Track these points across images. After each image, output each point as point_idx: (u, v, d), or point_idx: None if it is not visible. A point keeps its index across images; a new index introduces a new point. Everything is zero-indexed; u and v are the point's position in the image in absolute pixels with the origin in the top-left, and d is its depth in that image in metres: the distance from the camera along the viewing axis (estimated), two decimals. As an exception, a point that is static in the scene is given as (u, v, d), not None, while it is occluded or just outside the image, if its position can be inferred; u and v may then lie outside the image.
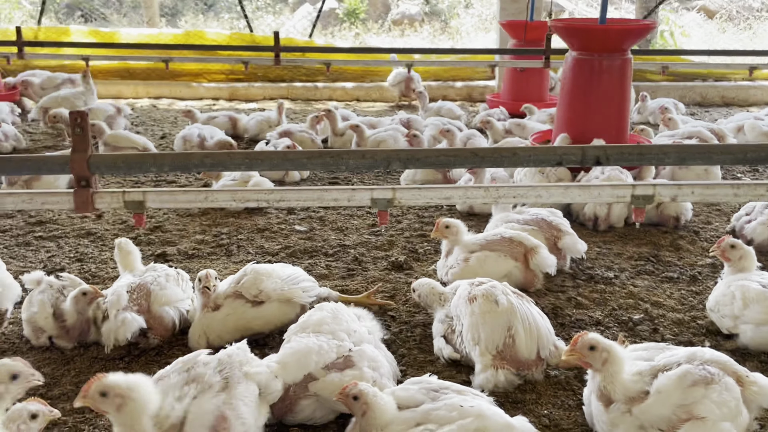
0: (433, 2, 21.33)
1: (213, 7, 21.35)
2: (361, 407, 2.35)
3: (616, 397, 2.46)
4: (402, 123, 7.39)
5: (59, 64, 11.05)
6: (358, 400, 2.35)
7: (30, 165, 2.55)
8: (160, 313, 3.27)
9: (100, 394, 2.17)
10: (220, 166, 2.50)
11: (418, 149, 2.99)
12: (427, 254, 4.49)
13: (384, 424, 2.32)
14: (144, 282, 3.30)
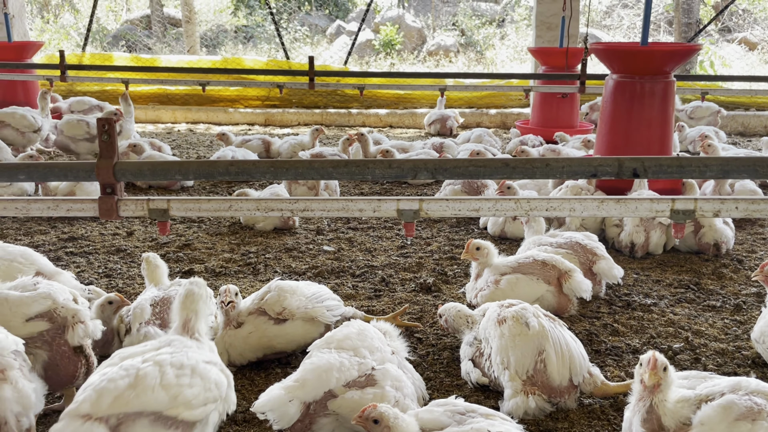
0: (469, 33, 21.45)
1: (252, 39, 21.86)
2: (382, 431, 2.23)
3: (667, 422, 2.30)
4: (434, 147, 7.33)
5: (101, 88, 11.38)
6: (379, 424, 2.22)
7: (57, 171, 2.55)
8: None
9: None
10: (245, 174, 2.46)
11: (447, 159, 2.91)
12: (457, 277, 4.38)
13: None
14: (168, 296, 3.26)
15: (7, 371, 2.11)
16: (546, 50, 9.29)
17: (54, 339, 2.56)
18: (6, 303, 2.51)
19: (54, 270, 3.30)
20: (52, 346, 2.55)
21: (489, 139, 8.10)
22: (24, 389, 2.16)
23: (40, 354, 2.51)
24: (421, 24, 22.00)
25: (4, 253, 3.12)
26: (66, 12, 24.49)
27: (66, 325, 2.57)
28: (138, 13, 24.06)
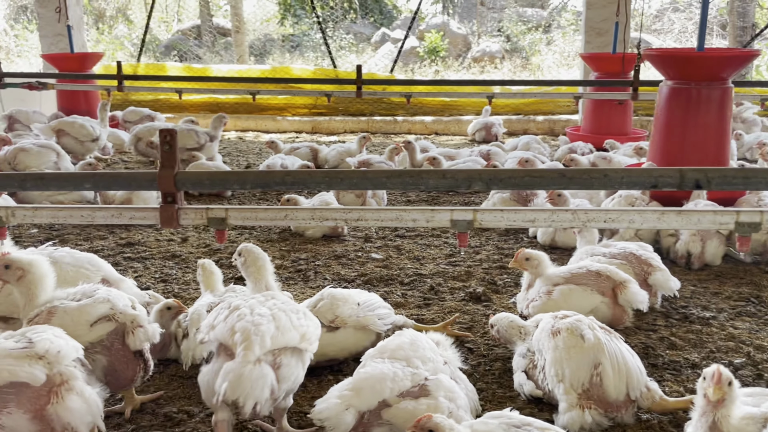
0: (514, 39, 21.28)
1: (299, 47, 22.19)
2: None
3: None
4: (481, 155, 7.29)
5: (154, 97, 11.71)
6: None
7: (121, 181, 2.64)
8: None
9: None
10: (300, 185, 2.49)
11: (501, 169, 2.89)
12: (507, 286, 4.34)
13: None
14: (223, 302, 3.32)
15: (71, 381, 2.19)
16: (600, 56, 9.13)
17: (113, 344, 2.64)
18: (66, 314, 2.60)
19: (118, 277, 3.41)
20: (111, 350, 2.63)
21: (537, 146, 8.00)
22: (91, 397, 2.24)
23: (99, 359, 2.59)
24: (465, 30, 21.93)
25: (72, 259, 3.23)
26: (120, 23, 25.35)
27: (125, 330, 2.65)
28: (188, 24, 24.71)
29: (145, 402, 2.95)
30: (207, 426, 2.79)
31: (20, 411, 2.09)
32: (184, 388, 3.11)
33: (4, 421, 2.07)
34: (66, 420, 2.14)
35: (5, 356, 2.09)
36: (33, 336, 2.21)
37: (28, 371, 2.06)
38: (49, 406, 2.12)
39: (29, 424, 2.10)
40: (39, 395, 2.12)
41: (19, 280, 2.68)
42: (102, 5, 25.11)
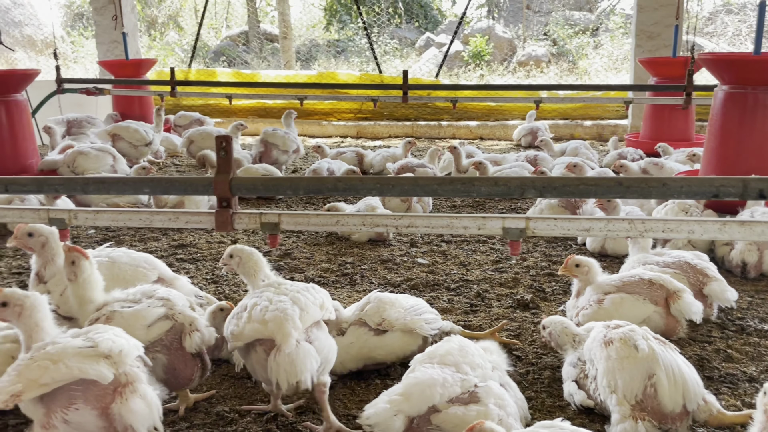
0: (561, 43, 20.99)
1: (344, 52, 22.39)
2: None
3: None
4: (528, 160, 7.22)
5: (204, 102, 11.99)
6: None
7: (178, 185, 2.72)
8: None
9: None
10: (352, 191, 2.52)
11: (555, 177, 2.85)
12: (555, 294, 4.28)
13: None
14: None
15: (135, 383, 2.26)
16: (659, 60, 8.92)
17: (172, 344, 2.71)
18: (123, 318, 2.69)
19: (173, 276, 3.50)
20: (171, 350, 2.71)
21: (585, 151, 7.88)
22: (152, 400, 2.31)
23: (160, 358, 2.67)
24: (511, 34, 21.74)
25: (130, 259, 3.34)
26: (171, 30, 26.04)
27: (183, 331, 2.72)
28: (236, 30, 25.21)
29: (198, 401, 3.02)
30: (258, 426, 2.84)
31: (87, 407, 2.17)
32: (235, 388, 3.17)
33: (71, 417, 2.15)
34: (128, 421, 2.21)
35: (74, 354, 2.17)
36: (95, 336, 2.30)
37: (97, 369, 2.14)
38: (114, 405, 2.19)
39: (96, 420, 2.18)
40: (105, 393, 2.20)
41: (72, 280, 2.79)
42: (154, 13, 25.85)
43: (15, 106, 6.85)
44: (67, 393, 2.18)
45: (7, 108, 6.76)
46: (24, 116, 6.97)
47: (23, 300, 2.37)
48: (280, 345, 2.52)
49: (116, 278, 2.94)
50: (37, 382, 2.08)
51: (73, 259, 2.80)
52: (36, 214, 2.89)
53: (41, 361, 2.13)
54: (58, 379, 2.11)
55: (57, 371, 2.10)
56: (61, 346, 2.20)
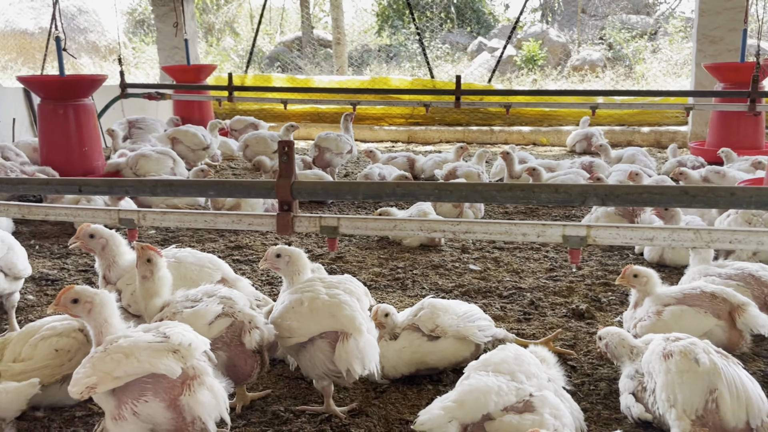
0: (617, 47, 20.55)
1: (395, 57, 22.49)
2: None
3: None
4: (583, 167, 7.10)
5: (260, 107, 12.24)
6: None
7: (241, 189, 2.80)
8: None
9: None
10: (410, 196, 2.55)
11: (619, 185, 2.80)
12: (612, 304, 4.20)
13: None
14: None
15: (203, 376, 2.34)
16: (726, 66, 8.63)
17: (232, 341, 2.79)
18: (184, 319, 2.78)
19: (235, 277, 3.60)
20: (231, 347, 2.78)
21: (643, 158, 7.69)
22: (219, 392, 2.39)
23: (220, 355, 2.75)
24: (565, 39, 21.42)
25: (195, 259, 3.45)
26: (227, 36, 26.69)
27: (243, 329, 2.79)
28: (290, 36, 25.65)
29: (255, 399, 3.09)
30: (312, 426, 2.88)
31: (157, 400, 2.26)
32: (290, 388, 3.23)
33: (140, 409, 2.24)
34: (197, 412, 2.29)
35: (145, 348, 2.27)
36: (166, 330, 2.39)
37: (167, 364, 2.22)
38: (182, 397, 2.27)
39: (164, 412, 2.27)
40: (174, 386, 2.28)
41: (144, 279, 2.90)
42: (211, 19, 26.55)
43: (83, 111, 7.15)
44: (137, 385, 2.26)
45: (76, 112, 7.07)
46: (91, 120, 7.27)
47: (93, 297, 2.48)
48: (350, 335, 2.69)
49: (183, 278, 3.04)
50: (111, 375, 2.18)
51: (149, 257, 2.91)
52: (107, 215, 3.01)
53: (114, 354, 2.23)
54: (130, 372, 2.20)
55: (129, 365, 2.19)
56: (132, 340, 2.30)
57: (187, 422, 2.31)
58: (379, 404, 3.08)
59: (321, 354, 2.75)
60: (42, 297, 4.43)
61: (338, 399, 3.12)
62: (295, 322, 2.79)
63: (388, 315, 3.29)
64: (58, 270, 4.96)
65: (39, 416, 2.95)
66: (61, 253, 5.38)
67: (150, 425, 2.30)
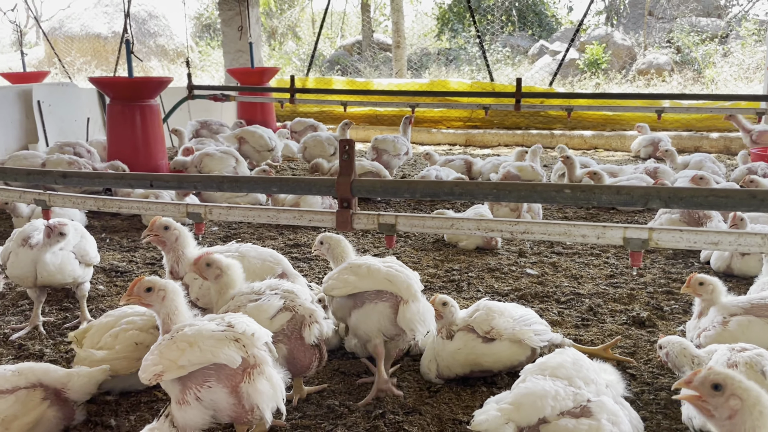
0: (685, 51, 19.87)
1: (454, 61, 22.42)
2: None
3: None
4: (647, 172, 6.91)
5: (320, 109, 12.43)
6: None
7: (303, 186, 2.86)
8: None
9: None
10: (468, 195, 2.55)
11: (683, 187, 2.72)
12: (674, 313, 4.08)
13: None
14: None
15: (262, 365, 2.42)
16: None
17: (293, 334, 2.86)
18: (246, 313, 2.86)
19: (294, 273, 3.69)
20: (291, 340, 2.85)
21: (711, 165, 7.42)
22: (277, 383, 2.46)
23: (281, 348, 2.82)
24: (631, 42, 20.86)
25: (257, 254, 3.56)
26: (289, 40, 27.23)
27: (303, 322, 2.86)
28: (351, 40, 25.95)
29: (311, 393, 3.16)
30: (367, 421, 2.92)
31: (219, 386, 2.35)
32: (345, 384, 3.28)
33: (203, 394, 2.33)
34: (255, 401, 2.37)
35: (209, 337, 2.36)
36: (231, 319, 2.48)
37: (227, 353, 2.31)
38: (243, 384, 2.35)
39: (226, 397, 2.36)
40: (235, 374, 2.36)
41: (216, 279, 3.00)
42: (274, 23, 27.14)
43: (149, 111, 7.43)
44: (201, 372, 2.36)
45: (142, 112, 7.36)
46: (157, 120, 7.55)
47: (165, 285, 2.60)
48: (408, 300, 2.96)
49: (246, 271, 3.13)
50: (176, 363, 2.28)
51: (207, 262, 3.02)
52: (176, 209, 3.14)
53: (180, 343, 2.33)
54: (194, 362, 2.30)
55: (192, 354, 2.29)
56: (197, 329, 2.40)
57: (246, 409, 2.38)
58: (433, 403, 3.09)
59: (379, 315, 2.97)
60: (111, 287, 4.64)
61: (392, 397, 3.14)
62: (353, 276, 3.01)
63: (446, 304, 3.28)
64: (127, 262, 5.18)
65: (109, 400, 3.10)
66: (129, 247, 5.62)
67: (212, 411, 2.39)
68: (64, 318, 4.14)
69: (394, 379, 3.24)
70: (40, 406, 2.70)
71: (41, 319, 3.97)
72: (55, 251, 3.80)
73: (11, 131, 9.25)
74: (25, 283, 3.88)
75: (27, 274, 3.79)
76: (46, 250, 3.75)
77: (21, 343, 3.73)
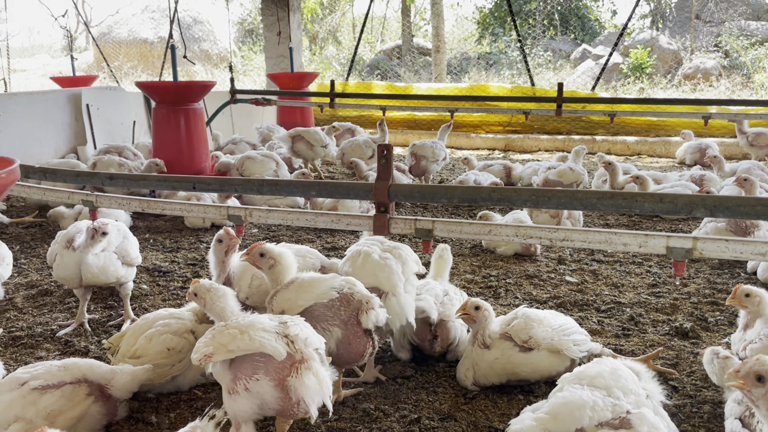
0: (734, 55, 19.32)
1: (494, 65, 22.28)
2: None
3: None
4: (693, 180, 6.73)
5: (359, 114, 12.50)
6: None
7: (341, 190, 2.89)
8: (449, 325, 3.43)
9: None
10: (506, 201, 2.53)
11: (730, 196, 2.65)
12: (719, 324, 3.96)
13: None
14: (447, 293, 3.51)
15: (309, 361, 2.46)
16: None
17: (349, 319, 2.90)
18: (301, 282, 2.97)
19: (330, 262, 3.72)
20: (348, 326, 2.89)
21: (759, 173, 7.19)
22: (324, 379, 2.50)
23: (335, 331, 2.87)
24: (676, 46, 20.39)
25: (295, 250, 3.60)
26: (330, 45, 27.47)
27: (360, 309, 2.89)
28: (390, 44, 26.04)
29: (347, 396, 3.17)
30: (401, 426, 2.92)
31: (266, 378, 2.41)
32: (380, 388, 3.28)
33: (252, 386, 2.40)
34: (301, 395, 2.42)
35: (261, 329, 2.42)
36: (287, 319, 2.54)
37: (274, 345, 2.37)
38: (290, 378, 2.41)
39: (272, 390, 2.42)
40: (283, 367, 2.42)
41: (270, 269, 3.06)
42: (316, 28, 27.43)
43: (193, 114, 7.59)
44: (251, 363, 2.44)
45: (186, 116, 7.51)
46: (200, 123, 7.71)
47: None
48: (388, 293, 3.00)
49: None
50: (226, 347, 2.37)
51: (260, 252, 3.10)
52: (217, 211, 3.20)
53: (231, 330, 2.43)
54: (243, 348, 2.38)
55: (242, 341, 2.38)
56: (251, 320, 2.50)
57: (292, 403, 2.44)
58: (469, 410, 3.07)
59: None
60: (154, 287, 4.75)
61: (428, 402, 3.14)
62: (350, 269, 3.09)
63: (479, 308, 3.24)
64: (170, 263, 5.29)
65: (150, 397, 3.18)
66: (172, 247, 5.74)
67: (259, 401, 2.47)
68: (108, 316, 4.25)
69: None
70: (85, 402, 2.77)
71: (87, 317, 4.09)
72: (97, 253, 3.91)
73: (61, 133, 9.57)
74: (70, 284, 4.01)
75: (72, 275, 3.92)
76: (88, 252, 3.87)
77: (67, 340, 3.85)
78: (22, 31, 37.45)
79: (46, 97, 9.48)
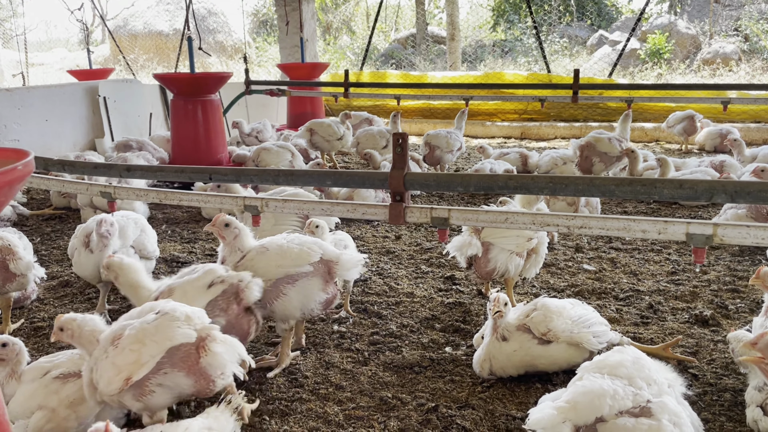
0: (754, 39, 18.96)
1: (510, 52, 22.08)
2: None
3: None
4: (713, 166, 6.64)
5: (373, 103, 12.46)
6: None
7: (357, 179, 2.88)
8: None
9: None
10: (523, 189, 2.51)
11: (750, 181, 2.60)
12: (740, 312, 3.92)
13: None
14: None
15: (213, 332, 2.59)
16: None
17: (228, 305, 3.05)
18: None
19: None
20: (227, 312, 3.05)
21: (781, 158, 7.08)
22: (231, 340, 2.64)
23: (218, 321, 2.96)
24: (695, 30, 20.05)
25: (300, 241, 3.61)
26: (344, 34, 27.40)
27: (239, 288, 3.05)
28: (405, 33, 25.90)
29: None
30: (419, 414, 2.92)
31: (174, 370, 2.54)
32: (398, 376, 3.29)
33: (163, 380, 2.50)
34: (217, 366, 2.54)
35: (154, 327, 2.55)
36: (158, 305, 2.70)
37: (183, 332, 2.54)
38: (201, 359, 2.53)
39: (185, 379, 2.54)
40: (188, 353, 2.56)
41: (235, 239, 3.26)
42: (329, 18, 27.36)
43: (210, 105, 7.62)
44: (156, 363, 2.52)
45: (203, 107, 7.55)
46: (217, 114, 7.74)
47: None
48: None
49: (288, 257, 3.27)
50: (139, 362, 2.45)
51: (225, 222, 3.29)
52: (234, 201, 3.21)
53: (129, 345, 2.48)
54: (155, 353, 2.47)
55: (151, 347, 2.47)
56: (136, 327, 2.54)
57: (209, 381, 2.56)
58: (486, 398, 3.07)
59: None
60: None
61: (445, 391, 3.14)
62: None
63: (508, 304, 3.23)
64: (187, 253, 5.34)
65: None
66: (189, 238, 5.78)
67: (178, 392, 2.58)
68: (127, 306, 4.29)
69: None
70: (106, 390, 2.81)
71: (107, 307, 4.14)
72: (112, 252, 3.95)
73: (79, 126, 9.66)
74: (91, 281, 4.08)
75: (91, 275, 4.02)
76: (104, 252, 3.89)
77: (88, 330, 3.90)
78: (39, 25, 37.76)
79: (63, 90, 9.56)
